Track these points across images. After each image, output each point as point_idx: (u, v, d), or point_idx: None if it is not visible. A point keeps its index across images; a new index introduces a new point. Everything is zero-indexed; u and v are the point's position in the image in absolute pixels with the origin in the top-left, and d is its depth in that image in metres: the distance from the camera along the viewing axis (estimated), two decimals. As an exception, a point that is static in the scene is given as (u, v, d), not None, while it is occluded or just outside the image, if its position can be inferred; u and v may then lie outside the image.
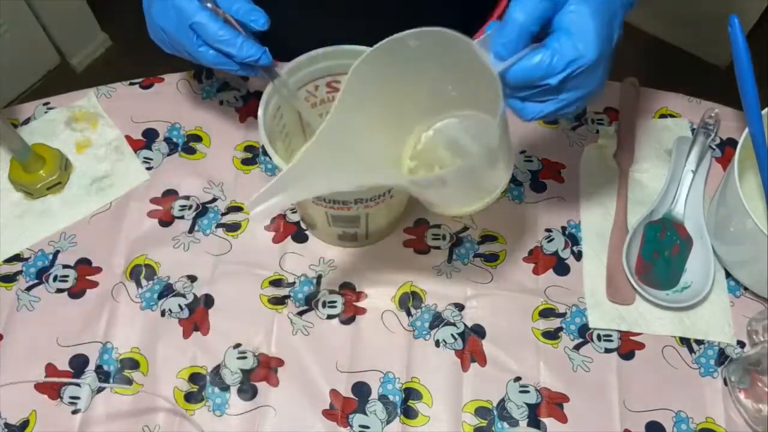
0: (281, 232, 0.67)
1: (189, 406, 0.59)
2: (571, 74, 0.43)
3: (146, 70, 0.75)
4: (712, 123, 0.70)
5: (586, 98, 0.46)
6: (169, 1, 0.51)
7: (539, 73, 0.42)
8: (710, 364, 0.61)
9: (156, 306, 0.63)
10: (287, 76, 0.58)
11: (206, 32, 0.51)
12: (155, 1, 0.53)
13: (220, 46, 0.52)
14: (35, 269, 0.64)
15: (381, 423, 0.58)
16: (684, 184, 0.66)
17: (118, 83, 0.74)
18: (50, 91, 0.76)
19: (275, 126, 0.59)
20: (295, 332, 0.62)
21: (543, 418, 0.58)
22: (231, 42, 0.51)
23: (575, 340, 0.62)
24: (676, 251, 0.64)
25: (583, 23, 0.42)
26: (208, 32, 0.51)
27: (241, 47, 0.52)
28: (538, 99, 0.45)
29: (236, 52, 0.52)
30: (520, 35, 0.41)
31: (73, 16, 1.59)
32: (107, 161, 0.70)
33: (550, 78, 0.43)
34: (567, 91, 0.44)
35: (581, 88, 0.45)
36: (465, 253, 0.65)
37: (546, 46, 0.42)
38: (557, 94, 0.45)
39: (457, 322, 0.62)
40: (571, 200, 0.68)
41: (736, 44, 0.51)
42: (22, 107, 0.73)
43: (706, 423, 0.58)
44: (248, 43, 0.52)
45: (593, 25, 0.42)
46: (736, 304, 0.63)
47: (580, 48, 0.42)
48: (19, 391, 0.59)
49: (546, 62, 0.42)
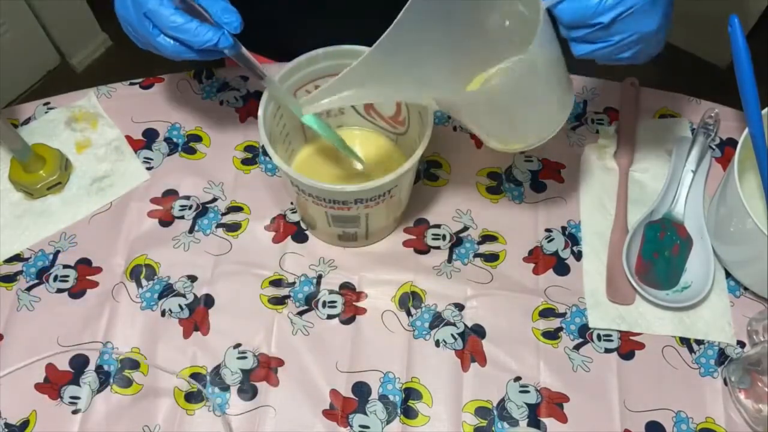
0: (281, 232, 0.67)
1: (189, 406, 0.59)
2: (622, 12, 0.43)
3: (146, 70, 0.75)
4: (712, 123, 0.70)
5: (640, 46, 0.46)
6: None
7: (590, 11, 0.43)
8: (710, 364, 0.61)
9: (156, 306, 0.63)
10: (288, 75, 0.58)
11: (159, 20, 0.49)
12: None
13: (174, 33, 0.49)
14: (35, 269, 0.64)
15: (381, 423, 0.58)
16: (684, 184, 0.66)
17: (118, 83, 0.74)
18: (50, 91, 0.76)
19: (275, 126, 0.59)
20: (295, 332, 0.62)
21: (543, 418, 0.58)
22: (184, 28, 0.48)
23: (575, 340, 0.62)
24: (676, 251, 0.64)
25: None
26: (161, 19, 0.48)
27: (196, 32, 0.48)
28: (591, 39, 0.46)
29: (192, 39, 0.48)
30: None
31: (73, 16, 1.59)
32: (107, 161, 0.70)
33: (600, 16, 0.43)
34: (619, 33, 0.45)
35: (634, 31, 0.45)
36: (465, 253, 0.66)
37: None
38: (609, 36, 0.45)
39: (457, 322, 0.62)
40: (571, 200, 0.68)
41: (736, 44, 0.51)
42: (22, 107, 0.73)
43: (706, 423, 0.58)
44: (203, 27, 0.48)
45: None
46: (736, 304, 0.63)
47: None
48: (19, 391, 0.59)
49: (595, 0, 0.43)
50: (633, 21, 0.45)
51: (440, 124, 0.72)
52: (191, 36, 0.49)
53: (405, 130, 0.64)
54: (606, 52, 0.47)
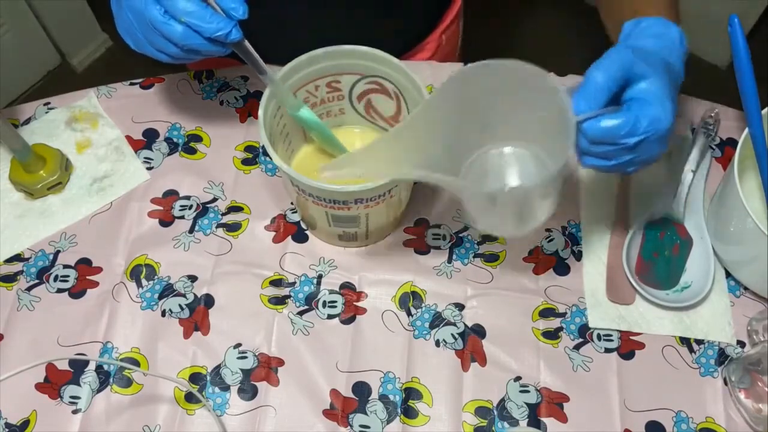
0: (281, 232, 0.67)
1: (189, 406, 0.59)
2: (648, 137, 0.46)
3: (146, 70, 0.75)
4: (712, 123, 0.70)
5: (644, 163, 0.50)
6: None
7: (621, 132, 0.46)
8: (710, 363, 0.61)
9: (156, 306, 0.63)
10: (288, 75, 0.58)
11: (173, 4, 0.49)
12: None
13: (187, 18, 0.49)
14: (36, 269, 0.64)
15: (381, 423, 0.58)
16: (684, 184, 0.66)
17: (118, 83, 0.74)
18: (50, 91, 0.76)
19: (275, 126, 0.59)
20: (295, 332, 0.62)
21: (543, 417, 0.58)
22: (198, 14, 0.49)
23: (575, 339, 0.62)
24: (676, 251, 0.64)
25: (660, 94, 0.47)
26: (176, 4, 0.49)
27: (210, 19, 0.49)
28: (608, 156, 0.48)
29: (204, 25, 0.49)
30: (600, 92, 0.46)
31: (73, 16, 1.59)
32: (108, 161, 0.70)
33: (629, 138, 0.46)
34: (636, 153, 0.48)
35: (648, 153, 0.48)
36: (465, 253, 0.66)
37: (628, 109, 0.47)
38: (628, 154, 0.48)
39: (457, 322, 0.62)
40: (571, 200, 0.68)
41: (736, 44, 0.51)
42: (22, 107, 0.73)
43: (706, 423, 0.58)
44: (217, 16, 0.50)
45: (668, 97, 0.47)
46: (736, 304, 0.63)
47: (660, 114, 0.46)
48: (19, 391, 0.59)
49: (630, 123, 0.46)
50: (655, 143, 0.48)
51: (440, 124, 0.72)
52: (205, 22, 0.49)
53: (405, 130, 0.64)
54: (616, 169, 0.49)
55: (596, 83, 0.46)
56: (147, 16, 0.50)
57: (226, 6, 0.50)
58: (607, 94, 0.46)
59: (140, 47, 0.54)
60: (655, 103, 0.46)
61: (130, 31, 0.54)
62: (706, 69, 1.67)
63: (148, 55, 0.54)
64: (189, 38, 0.51)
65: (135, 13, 0.52)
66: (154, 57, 0.54)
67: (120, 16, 0.54)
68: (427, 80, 0.74)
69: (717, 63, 1.67)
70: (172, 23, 0.50)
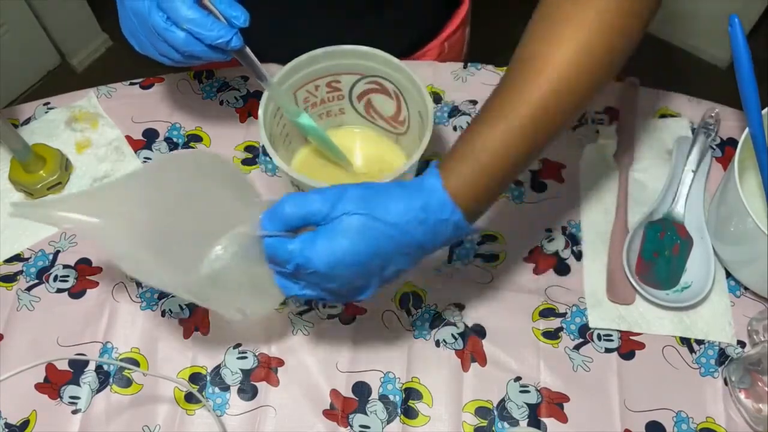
0: (281, 232, 0.66)
1: (189, 406, 0.59)
2: (298, 270, 0.45)
3: (146, 70, 0.75)
4: (712, 123, 0.69)
5: (336, 300, 0.49)
6: None
7: (275, 255, 0.45)
8: (710, 363, 0.61)
9: (156, 306, 0.63)
10: (288, 75, 0.58)
11: (175, 12, 0.50)
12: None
13: (189, 26, 0.50)
14: (36, 269, 0.64)
15: (381, 423, 0.58)
16: (684, 183, 0.66)
17: (118, 83, 0.74)
18: (50, 91, 0.76)
19: (275, 126, 0.59)
20: (295, 332, 0.62)
21: (543, 418, 0.58)
22: (200, 22, 0.50)
23: (575, 340, 0.62)
24: (677, 251, 0.64)
25: (332, 235, 0.44)
26: (178, 12, 0.50)
27: (211, 27, 0.50)
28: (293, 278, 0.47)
29: (205, 33, 0.50)
30: (282, 222, 0.45)
31: (73, 16, 1.59)
32: (107, 161, 0.70)
33: (287, 264, 0.45)
34: (305, 285, 0.47)
35: (316, 289, 0.47)
36: (465, 253, 0.65)
37: (298, 237, 0.45)
38: (297, 281, 0.47)
39: (457, 322, 0.62)
40: (571, 200, 0.68)
41: (736, 44, 0.51)
42: (22, 107, 0.73)
43: (707, 423, 0.58)
44: (218, 24, 0.50)
45: (339, 244, 0.44)
46: (737, 304, 0.63)
47: (308, 254, 0.44)
48: (19, 391, 0.59)
49: (282, 249, 0.45)
50: (315, 280, 0.46)
51: (440, 124, 0.72)
52: (206, 30, 0.50)
53: (405, 130, 0.64)
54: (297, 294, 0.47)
55: (282, 211, 0.45)
56: (150, 22, 0.51)
57: (227, 14, 0.51)
58: (286, 226, 0.45)
59: (144, 50, 0.55)
60: (319, 240, 0.44)
61: (135, 34, 0.54)
62: (706, 69, 1.68)
63: (152, 57, 0.55)
64: (190, 45, 0.51)
65: (139, 18, 0.52)
66: (158, 60, 0.55)
67: (124, 19, 0.55)
68: (427, 80, 0.74)
69: (717, 63, 1.67)
70: (174, 30, 0.51)
